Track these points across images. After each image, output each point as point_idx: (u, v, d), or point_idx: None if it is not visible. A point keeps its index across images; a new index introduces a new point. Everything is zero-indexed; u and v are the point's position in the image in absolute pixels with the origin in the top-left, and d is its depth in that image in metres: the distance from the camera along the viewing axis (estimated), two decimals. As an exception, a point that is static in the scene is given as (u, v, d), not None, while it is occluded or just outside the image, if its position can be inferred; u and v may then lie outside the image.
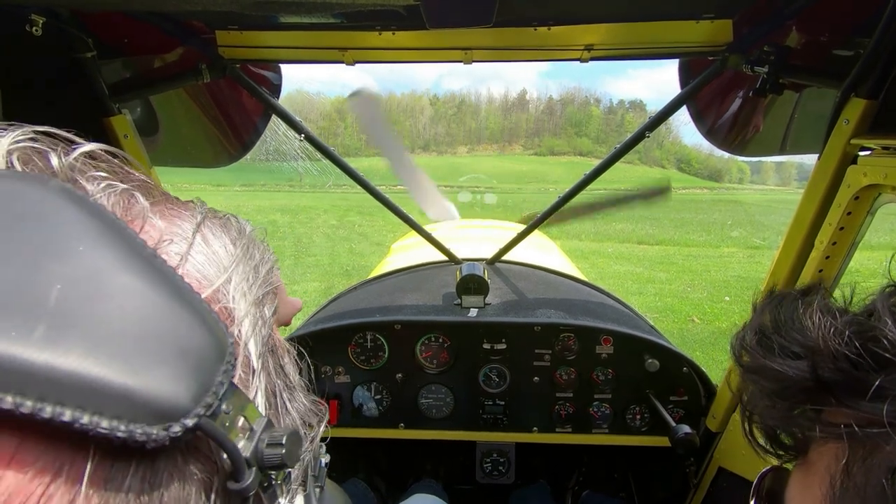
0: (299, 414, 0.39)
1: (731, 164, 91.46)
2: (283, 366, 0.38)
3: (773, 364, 0.44)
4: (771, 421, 0.48)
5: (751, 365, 0.48)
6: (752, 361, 0.48)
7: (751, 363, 0.48)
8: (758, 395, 0.48)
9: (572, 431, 1.72)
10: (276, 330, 0.40)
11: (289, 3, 0.89)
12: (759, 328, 0.49)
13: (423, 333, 1.69)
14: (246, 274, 0.36)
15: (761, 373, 0.46)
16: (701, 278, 10.14)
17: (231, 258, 0.35)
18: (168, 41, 1.20)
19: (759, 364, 0.46)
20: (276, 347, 0.38)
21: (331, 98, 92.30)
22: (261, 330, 0.35)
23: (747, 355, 0.49)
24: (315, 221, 17.79)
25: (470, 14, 0.94)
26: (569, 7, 1.12)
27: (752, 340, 0.49)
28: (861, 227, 1.06)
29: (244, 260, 0.36)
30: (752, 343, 0.48)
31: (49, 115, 1.04)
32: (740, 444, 1.50)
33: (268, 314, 0.36)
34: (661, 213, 22.66)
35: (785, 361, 0.44)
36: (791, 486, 0.47)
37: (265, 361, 0.35)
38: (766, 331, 0.48)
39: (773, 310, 0.49)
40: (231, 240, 0.37)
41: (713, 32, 1.15)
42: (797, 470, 0.47)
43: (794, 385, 0.42)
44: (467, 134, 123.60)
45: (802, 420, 0.43)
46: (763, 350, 0.47)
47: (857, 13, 0.97)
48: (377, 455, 2.14)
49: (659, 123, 1.47)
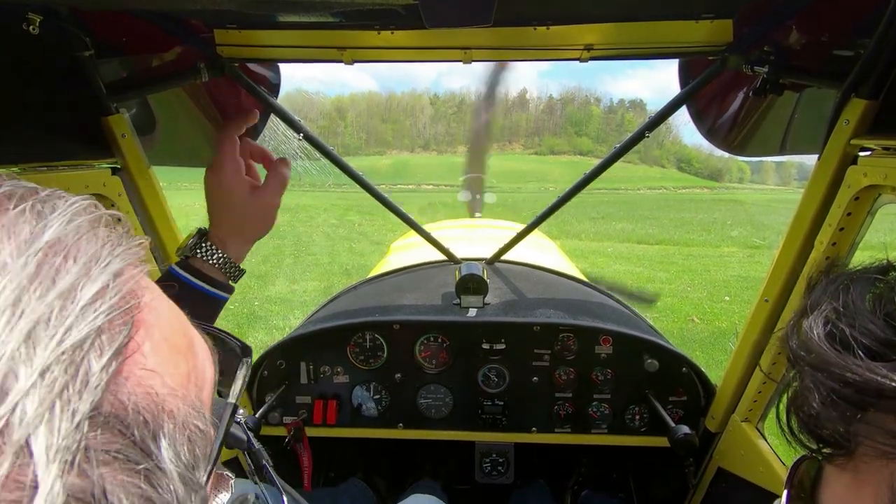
0: None
1: (732, 164, 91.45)
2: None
3: (847, 362, 0.38)
4: (825, 421, 0.41)
5: (815, 360, 0.40)
6: (818, 356, 0.40)
7: (816, 358, 0.40)
8: (815, 391, 0.41)
9: (571, 431, 1.72)
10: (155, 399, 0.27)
11: (288, 3, 0.89)
12: (826, 317, 0.41)
13: (422, 333, 1.69)
14: (37, 316, 0.22)
15: (829, 370, 0.39)
16: (701, 278, 10.15)
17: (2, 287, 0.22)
18: (166, 40, 1.20)
19: (828, 360, 0.39)
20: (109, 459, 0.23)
21: (330, 97, 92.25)
22: (65, 436, 0.21)
23: (811, 348, 0.41)
24: (315, 220, 17.79)
25: (468, 14, 0.93)
26: (568, 6, 1.11)
27: (819, 331, 0.41)
28: (861, 227, 1.06)
29: (31, 290, 0.23)
30: (819, 335, 0.41)
31: (46, 114, 1.04)
32: (740, 445, 1.50)
33: (81, 405, 0.22)
34: (661, 212, 22.64)
35: (864, 361, 0.37)
36: (832, 486, 0.43)
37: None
38: (835, 320, 0.40)
39: (841, 293, 0.41)
40: (16, 248, 0.24)
41: (713, 32, 1.15)
42: (839, 470, 0.42)
43: (871, 390, 0.36)
44: (467, 133, 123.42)
45: (865, 425, 0.38)
46: (834, 344, 0.39)
47: (857, 13, 0.97)
48: (376, 455, 2.14)
49: (659, 123, 1.47)
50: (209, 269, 1.03)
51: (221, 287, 1.04)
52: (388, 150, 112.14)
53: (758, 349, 1.38)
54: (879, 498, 0.37)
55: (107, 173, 1.18)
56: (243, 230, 1.09)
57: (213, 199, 1.07)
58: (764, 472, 1.38)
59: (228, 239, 1.06)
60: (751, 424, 1.47)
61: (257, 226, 1.10)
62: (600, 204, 24.78)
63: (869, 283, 0.41)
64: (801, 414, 0.43)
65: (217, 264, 1.03)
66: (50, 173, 1.04)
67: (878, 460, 0.38)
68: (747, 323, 1.39)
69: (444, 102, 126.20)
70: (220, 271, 1.04)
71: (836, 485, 0.43)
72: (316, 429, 1.73)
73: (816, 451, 0.45)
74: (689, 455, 1.70)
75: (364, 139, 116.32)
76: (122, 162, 1.21)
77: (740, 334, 1.43)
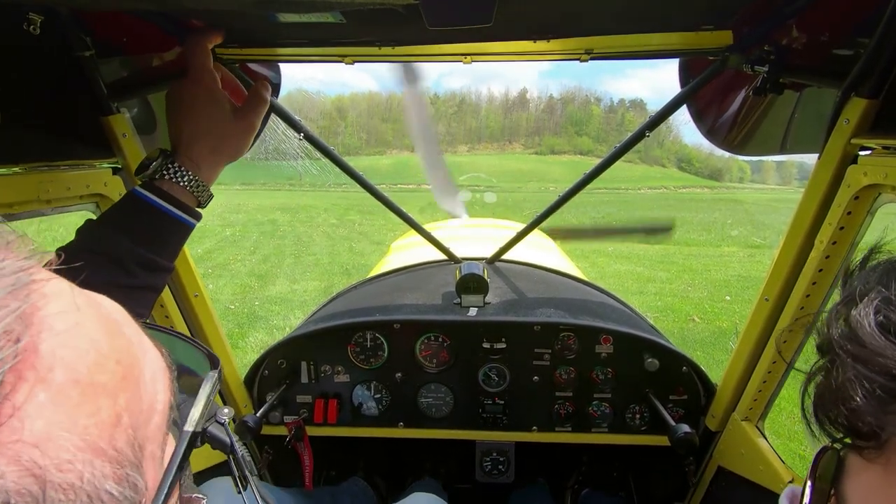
0: None
1: (732, 164, 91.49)
2: None
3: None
4: (865, 415, 0.39)
5: (863, 352, 0.39)
6: (869, 346, 0.38)
7: (866, 348, 0.38)
8: (857, 384, 0.39)
9: (572, 431, 1.72)
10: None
11: (288, 2, 0.89)
12: (878, 305, 0.39)
13: (422, 333, 1.69)
14: None
15: (879, 362, 0.37)
16: (701, 277, 10.15)
17: None
18: (167, 40, 1.20)
19: (880, 350, 0.37)
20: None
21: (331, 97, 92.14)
22: None
23: (859, 337, 0.39)
24: (315, 220, 17.80)
25: (469, 13, 0.93)
26: (567, 21, 1.11)
27: (870, 321, 0.39)
28: (861, 226, 1.06)
29: None
30: (870, 324, 0.39)
31: (47, 114, 1.04)
32: (740, 444, 1.50)
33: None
34: (661, 212, 22.61)
35: None
36: (860, 478, 0.42)
37: None
38: (886, 309, 0.38)
39: (893, 280, 0.40)
40: None
41: (713, 39, 1.15)
42: (866, 462, 0.41)
43: None
44: (468, 133, 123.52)
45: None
46: (888, 336, 0.38)
47: (858, 13, 0.97)
48: (377, 454, 2.14)
49: (659, 123, 1.47)
50: (178, 192, 0.93)
51: (190, 213, 0.95)
52: (388, 150, 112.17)
53: (758, 348, 1.38)
54: None
55: (108, 173, 1.19)
56: (220, 150, 1.00)
57: (187, 115, 0.97)
58: (764, 471, 1.39)
59: (202, 160, 0.96)
60: (751, 423, 1.48)
61: (236, 146, 1.02)
62: (601, 203, 24.78)
63: None
64: (841, 406, 0.41)
65: (189, 186, 0.94)
66: (51, 173, 1.04)
67: None
68: (747, 322, 1.39)
69: (444, 102, 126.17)
70: (190, 194, 0.95)
71: (864, 477, 0.42)
72: (317, 428, 1.74)
73: (842, 442, 0.44)
74: (690, 454, 1.70)
75: (364, 139, 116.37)
76: (122, 162, 1.21)
77: (740, 333, 1.43)
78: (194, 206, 0.97)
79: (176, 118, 0.98)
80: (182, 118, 0.97)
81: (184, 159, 0.95)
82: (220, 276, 9.64)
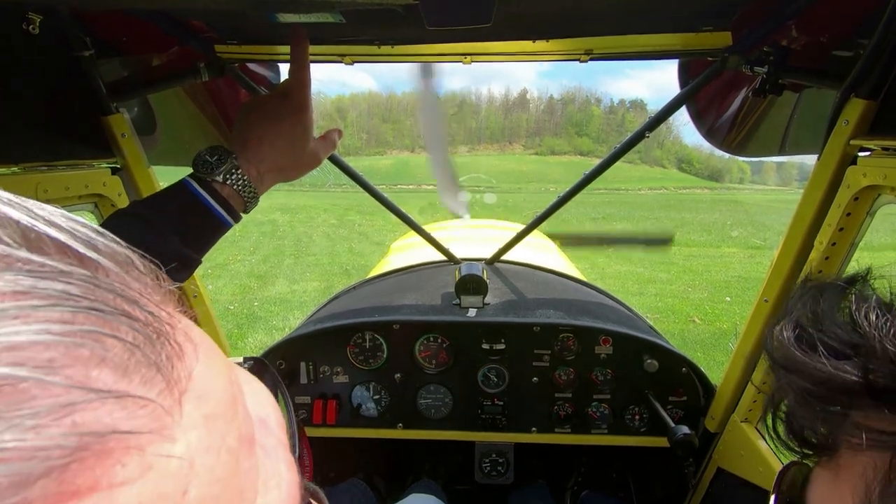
0: None
1: (732, 164, 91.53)
2: None
3: (814, 362, 0.40)
4: (801, 420, 0.44)
5: (786, 362, 0.44)
6: (788, 358, 0.43)
7: (786, 360, 0.44)
8: (790, 392, 0.44)
9: (571, 432, 1.72)
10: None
11: (287, 2, 0.89)
12: (796, 322, 0.44)
13: (421, 333, 1.69)
14: None
15: (799, 371, 0.42)
16: (701, 278, 10.15)
17: None
18: (166, 40, 1.20)
19: (796, 361, 0.42)
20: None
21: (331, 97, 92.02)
22: None
23: (782, 351, 0.44)
24: (315, 221, 17.80)
25: (469, 13, 0.93)
26: (566, 23, 1.11)
27: (789, 335, 0.44)
28: (861, 227, 1.06)
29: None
30: (789, 338, 0.44)
31: (46, 114, 1.04)
32: (739, 445, 1.50)
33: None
34: (661, 213, 22.63)
35: (829, 361, 0.40)
36: (816, 486, 0.45)
37: None
38: (804, 325, 0.43)
39: (811, 301, 0.45)
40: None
41: (712, 40, 1.16)
42: (822, 470, 0.44)
43: (837, 386, 0.39)
44: (468, 133, 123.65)
45: (839, 423, 0.40)
46: (802, 346, 0.42)
47: (857, 13, 0.97)
48: (376, 455, 2.14)
49: (659, 123, 1.47)
50: (235, 200, 0.89)
51: (234, 215, 0.91)
52: (388, 150, 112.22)
53: (758, 349, 1.38)
54: (856, 492, 0.38)
55: (107, 173, 1.19)
56: (284, 172, 0.95)
57: (270, 126, 0.91)
58: (763, 473, 1.38)
59: (267, 175, 0.92)
60: (750, 425, 1.47)
61: (296, 174, 0.97)
62: (601, 204, 24.79)
63: (838, 291, 0.44)
64: (779, 414, 0.46)
65: (245, 197, 0.90)
66: (50, 173, 1.04)
67: (853, 455, 0.40)
68: (747, 323, 1.39)
69: (445, 102, 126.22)
70: (243, 203, 0.91)
71: (819, 484, 0.44)
72: (316, 429, 1.74)
73: (801, 453, 0.46)
74: (689, 455, 1.70)
75: (364, 139, 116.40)
76: (122, 162, 1.21)
77: (740, 334, 1.43)
78: (239, 210, 0.93)
79: (258, 125, 0.92)
80: (265, 127, 0.91)
81: (251, 168, 0.90)
82: (220, 276, 9.63)
